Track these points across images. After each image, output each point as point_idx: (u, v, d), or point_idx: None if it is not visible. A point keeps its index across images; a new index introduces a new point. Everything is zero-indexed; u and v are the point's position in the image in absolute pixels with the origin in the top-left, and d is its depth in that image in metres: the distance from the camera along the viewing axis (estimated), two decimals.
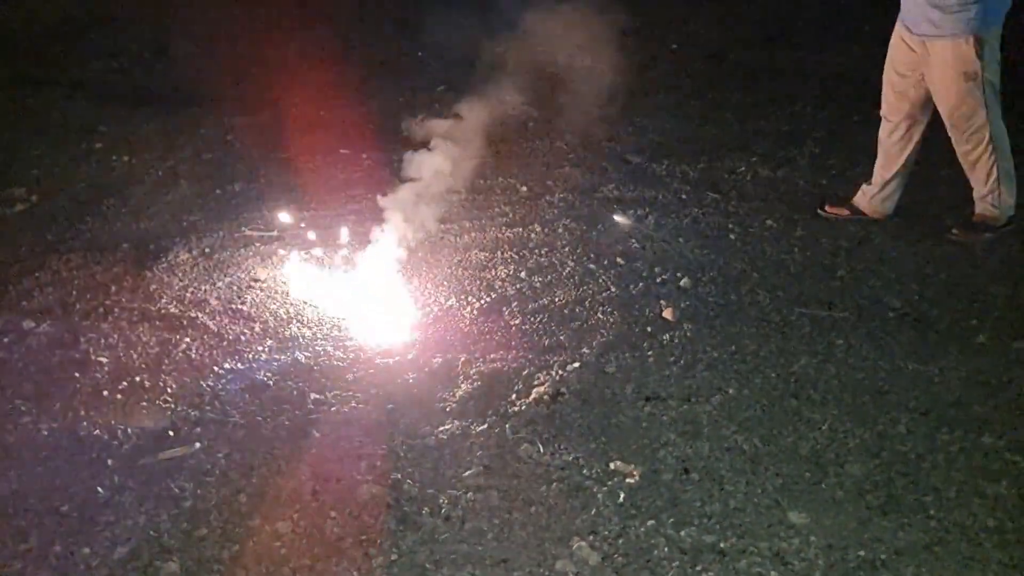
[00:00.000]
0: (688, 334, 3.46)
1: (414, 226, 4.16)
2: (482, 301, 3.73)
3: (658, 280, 3.85)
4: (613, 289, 3.79)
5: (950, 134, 3.97)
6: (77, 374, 3.32)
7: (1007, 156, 3.95)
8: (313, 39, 6.63)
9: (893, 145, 4.15)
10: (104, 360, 3.40)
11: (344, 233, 4.22)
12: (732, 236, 4.22)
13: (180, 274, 3.98)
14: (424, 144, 4.46)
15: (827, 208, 4.34)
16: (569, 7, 7.45)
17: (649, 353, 3.36)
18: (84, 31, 6.99)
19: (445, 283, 3.88)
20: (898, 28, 3.99)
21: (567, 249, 4.15)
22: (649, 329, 3.50)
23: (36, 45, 6.77)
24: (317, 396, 3.19)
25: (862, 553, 2.49)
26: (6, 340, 3.52)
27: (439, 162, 4.40)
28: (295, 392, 3.21)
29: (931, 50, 3.82)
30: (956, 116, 3.87)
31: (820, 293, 3.74)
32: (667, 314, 3.59)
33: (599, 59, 6.31)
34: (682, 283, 3.82)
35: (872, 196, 4.24)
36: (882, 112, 4.18)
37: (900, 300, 3.67)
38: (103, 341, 3.51)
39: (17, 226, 4.49)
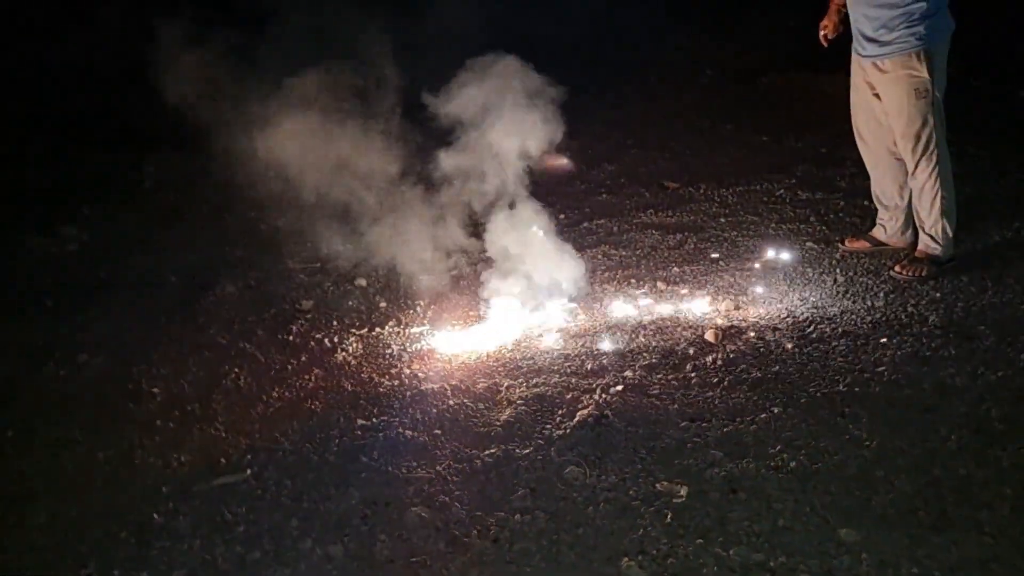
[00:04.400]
0: (731, 355, 3.46)
1: (454, 256, 4.22)
2: (525, 326, 3.76)
3: (699, 303, 3.87)
4: (654, 313, 3.81)
5: (903, 157, 3.88)
6: (131, 404, 3.41)
7: (949, 186, 3.85)
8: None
9: (882, 176, 4.08)
10: (156, 391, 3.49)
11: (389, 264, 4.27)
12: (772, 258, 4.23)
13: (227, 306, 4.08)
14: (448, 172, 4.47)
15: (846, 242, 4.26)
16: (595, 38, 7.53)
17: (692, 375, 3.36)
18: (121, 78, 7.18)
19: (488, 309, 3.92)
20: (853, 57, 3.94)
21: (607, 275, 4.18)
22: (691, 351, 3.51)
23: (74, 92, 6.97)
24: (364, 422, 3.23)
25: (915, 570, 2.45)
26: (63, 373, 3.62)
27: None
28: (342, 419, 3.26)
29: (883, 69, 3.77)
30: (909, 135, 3.78)
31: (863, 312, 3.72)
32: (709, 336, 3.59)
33: (631, 86, 6.39)
34: (723, 305, 3.82)
35: (889, 227, 4.17)
36: (860, 150, 4.11)
37: (945, 318, 3.64)
38: (155, 372, 3.61)
39: (71, 263, 4.64)
